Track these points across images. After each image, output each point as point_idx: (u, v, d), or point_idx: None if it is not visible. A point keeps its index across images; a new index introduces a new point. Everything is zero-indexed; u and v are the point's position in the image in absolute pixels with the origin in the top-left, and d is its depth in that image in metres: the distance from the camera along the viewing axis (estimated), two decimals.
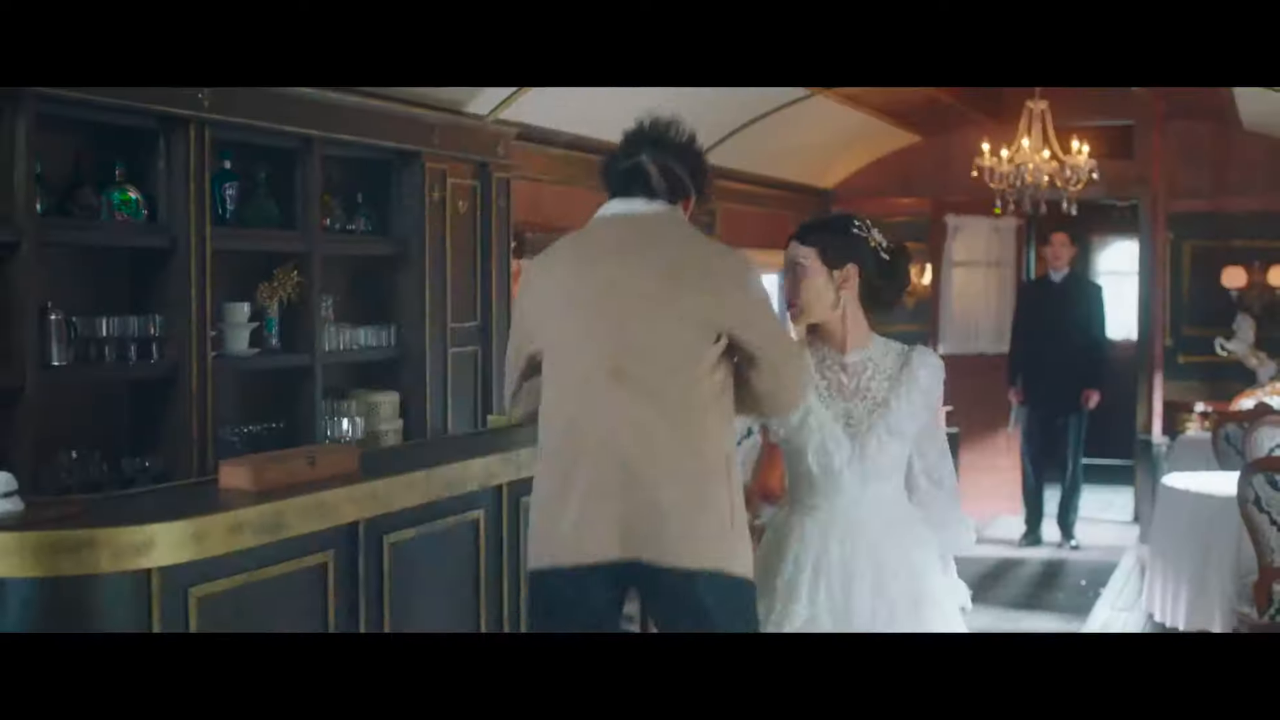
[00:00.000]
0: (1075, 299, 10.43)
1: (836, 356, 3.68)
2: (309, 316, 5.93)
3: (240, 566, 3.52)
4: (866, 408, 3.64)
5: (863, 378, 3.67)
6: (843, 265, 3.63)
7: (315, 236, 5.93)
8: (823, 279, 3.62)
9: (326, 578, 3.90)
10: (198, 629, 3.37)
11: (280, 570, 3.68)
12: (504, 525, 4.80)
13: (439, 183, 6.60)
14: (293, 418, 5.97)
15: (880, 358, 3.71)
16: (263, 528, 3.48)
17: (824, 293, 3.62)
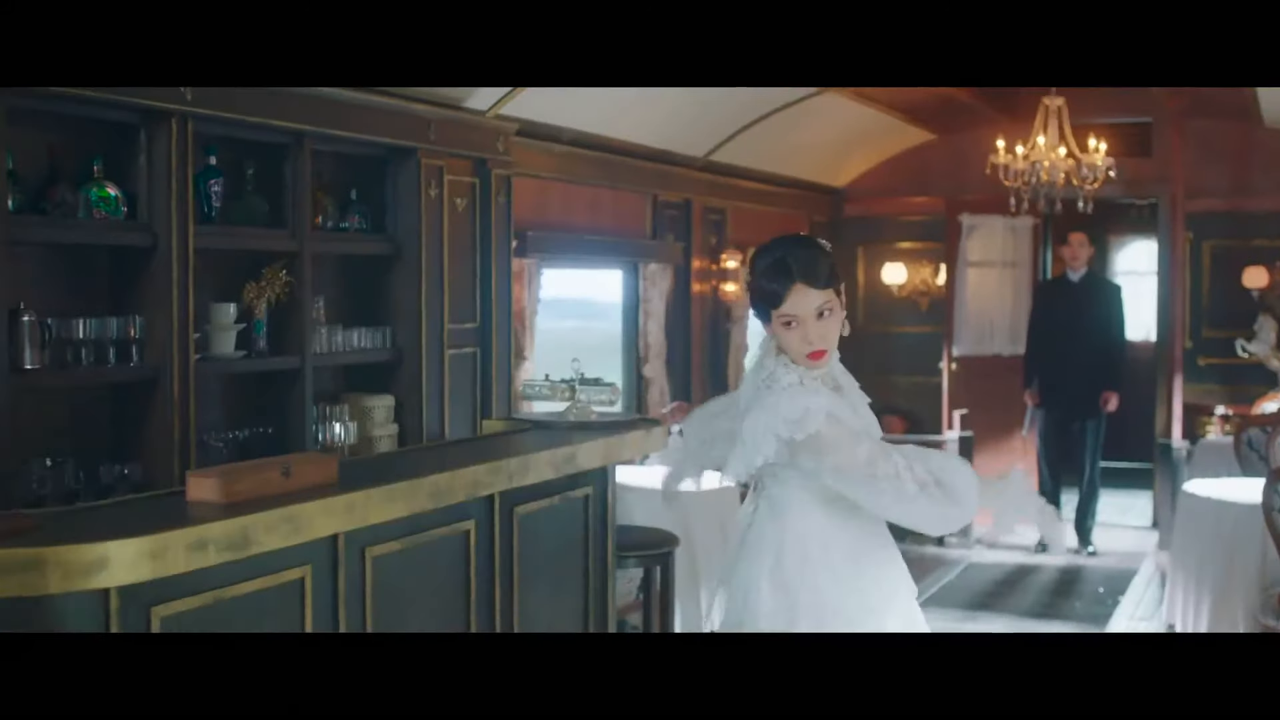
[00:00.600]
0: (1094, 299, 10.25)
1: (827, 374, 3.63)
2: (298, 318, 5.73)
3: (207, 584, 3.31)
4: (858, 407, 3.67)
5: (841, 384, 3.68)
6: (840, 289, 3.58)
7: (305, 235, 5.73)
8: (840, 311, 3.55)
9: (303, 594, 3.68)
10: None
11: (252, 588, 3.47)
12: (496, 537, 4.59)
13: (436, 179, 6.40)
14: (282, 423, 5.77)
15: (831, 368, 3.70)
16: (229, 544, 3.26)
17: (840, 325, 3.56)
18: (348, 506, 3.67)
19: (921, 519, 3.42)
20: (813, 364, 3.53)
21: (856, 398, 3.68)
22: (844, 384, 3.68)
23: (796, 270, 3.47)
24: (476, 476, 4.22)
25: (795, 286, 3.47)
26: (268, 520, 3.39)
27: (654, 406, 8.98)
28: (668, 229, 9.27)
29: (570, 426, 5.30)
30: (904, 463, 3.38)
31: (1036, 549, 10.27)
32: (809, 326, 3.49)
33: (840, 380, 3.67)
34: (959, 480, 3.40)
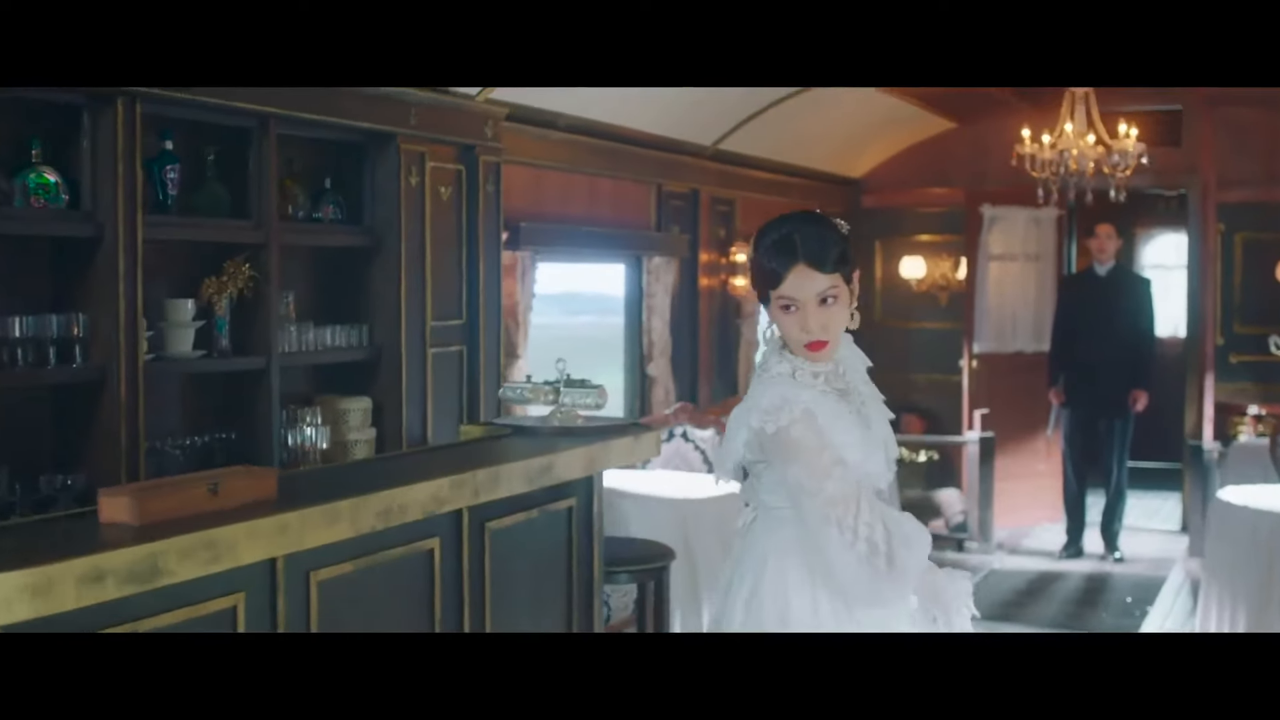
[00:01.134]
0: (1122, 293, 9.81)
1: (824, 368, 3.22)
2: (264, 314, 5.34)
3: (112, 619, 2.91)
4: (857, 407, 3.26)
5: (847, 381, 3.29)
6: (854, 274, 3.19)
7: (271, 225, 5.33)
8: (847, 300, 3.15)
9: (235, 625, 3.29)
10: None
11: (169, 621, 3.07)
12: (464, 556, 4.19)
13: (417, 167, 5.99)
14: (247, 427, 5.38)
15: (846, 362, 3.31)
16: (132, 575, 2.86)
17: (847, 315, 3.18)
18: (280, 529, 3.27)
19: (850, 581, 3.03)
20: (812, 357, 3.14)
21: (874, 412, 3.26)
22: (864, 392, 3.27)
23: (801, 249, 3.07)
24: (436, 492, 3.81)
25: (797, 267, 3.07)
26: (182, 546, 2.98)
27: (658, 407, 8.57)
28: (673, 220, 8.85)
29: (554, 432, 4.90)
30: (868, 518, 3.01)
31: (1061, 555, 9.85)
32: (809, 313, 3.09)
33: (854, 385, 3.26)
34: (910, 560, 3.04)
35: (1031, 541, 10.41)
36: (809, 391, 3.12)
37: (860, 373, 3.29)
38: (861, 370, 3.30)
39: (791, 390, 3.10)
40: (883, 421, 3.28)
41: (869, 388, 3.30)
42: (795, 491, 3.08)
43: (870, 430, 3.22)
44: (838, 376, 3.24)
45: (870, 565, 2.98)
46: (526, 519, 4.50)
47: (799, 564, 3.14)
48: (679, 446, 7.86)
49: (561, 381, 5.04)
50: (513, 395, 5.13)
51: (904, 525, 3.11)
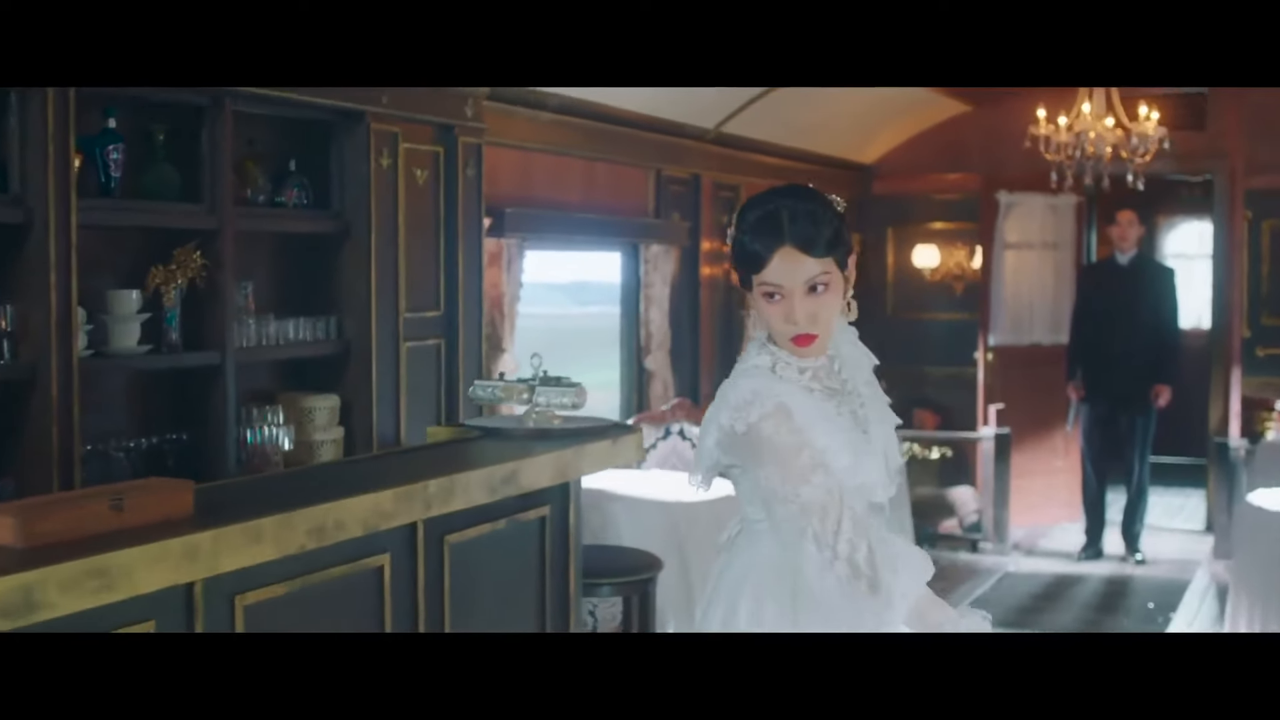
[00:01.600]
0: (1144, 284, 9.43)
1: (817, 364, 2.86)
2: (218, 306, 4.94)
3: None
4: (866, 406, 2.90)
5: (839, 379, 2.90)
6: (848, 259, 2.82)
7: (225, 210, 4.94)
8: (840, 289, 2.79)
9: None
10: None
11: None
12: (420, 573, 3.81)
13: (389, 148, 5.59)
14: (201, 428, 4.99)
15: (840, 357, 2.94)
16: (5, 610, 2.48)
17: (839, 305, 2.81)
18: (188, 552, 2.88)
19: (830, 609, 2.68)
20: (799, 352, 2.77)
21: (874, 415, 2.87)
22: (864, 394, 2.87)
23: (788, 229, 2.70)
24: (378, 506, 3.43)
25: (783, 249, 2.69)
26: (64, 575, 2.60)
27: (657, 402, 8.17)
28: (673, 207, 8.44)
29: (528, 435, 4.51)
30: (850, 535, 2.65)
31: (1080, 556, 9.45)
32: (795, 302, 2.71)
33: (853, 385, 2.88)
34: (897, 587, 2.69)
35: (1049, 542, 10.02)
36: (786, 385, 2.74)
37: (863, 372, 2.90)
38: (865, 369, 2.90)
39: (766, 384, 2.74)
40: (885, 427, 2.88)
41: (871, 389, 2.89)
42: (768, 498, 2.73)
43: (867, 435, 2.82)
44: (830, 374, 2.85)
45: (847, 589, 2.62)
46: (492, 530, 4.13)
47: (779, 591, 2.75)
48: (675, 445, 7.46)
49: (536, 379, 4.65)
50: (483, 394, 4.74)
51: (892, 546, 2.73)
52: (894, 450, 2.89)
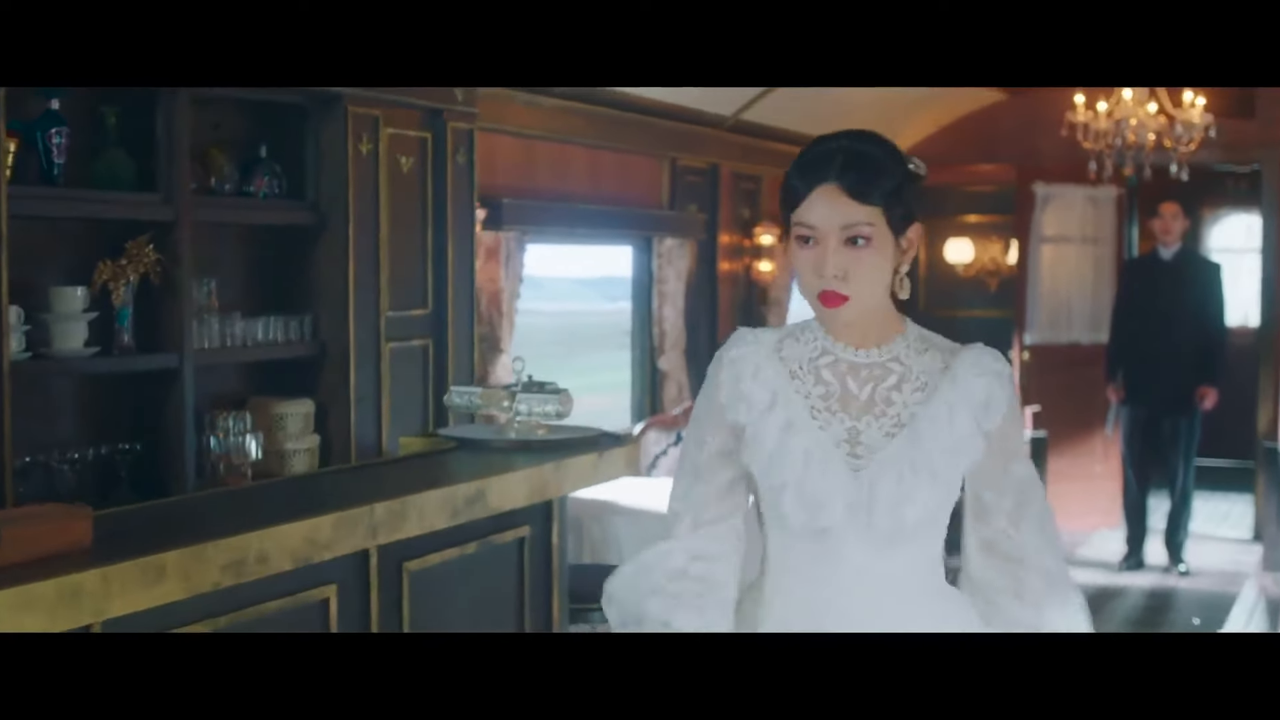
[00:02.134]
0: (1188, 280, 8.90)
1: (845, 353, 2.41)
2: (175, 304, 4.53)
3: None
4: (884, 428, 2.38)
5: (881, 385, 2.40)
6: (908, 227, 2.38)
7: (183, 199, 4.53)
8: (888, 253, 2.34)
9: None
10: None
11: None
12: (374, 605, 3.39)
13: (369, 132, 5.18)
14: (157, 437, 4.59)
15: (910, 356, 2.42)
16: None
17: (884, 273, 2.35)
18: (70, 595, 2.46)
19: (629, 581, 2.51)
20: (825, 314, 2.34)
21: (894, 453, 2.36)
22: (912, 419, 2.37)
23: (835, 164, 2.31)
24: (313, 534, 3.00)
25: (823, 187, 2.30)
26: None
27: (671, 404, 7.74)
28: (689, 198, 8.00)
29: (508, 446, 4.09)
30: (684, 546, 2.43)
31: (1121, 566, 8.97)
32: (828, 250, 2.30)
33: (902, 401, 2.38)
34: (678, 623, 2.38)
35: (1088, 550, 9.54)
36: (761, 348, 2.41)
37: (936, 393, 2.37)
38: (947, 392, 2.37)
39: (746, 344, 2.43)
40: (896, 474, 2.35)
41: (934, 424, 2.37)
42: None
43: (856, 477, 2.36)
44: (877, 370, 2.39)
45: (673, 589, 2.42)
46: (461, 555, 3.71)
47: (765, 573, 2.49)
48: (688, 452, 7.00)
49: (518, 385, 4.23)
50: (460, 401, 4.32)
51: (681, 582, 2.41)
52: (894, 503, 2.34)
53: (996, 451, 2.38)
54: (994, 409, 2.36)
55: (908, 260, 2.39)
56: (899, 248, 2.35)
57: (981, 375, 2.36)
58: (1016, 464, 2.41)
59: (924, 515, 2.35)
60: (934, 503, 2.35)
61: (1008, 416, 2.38)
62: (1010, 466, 2.40)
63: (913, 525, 2.34)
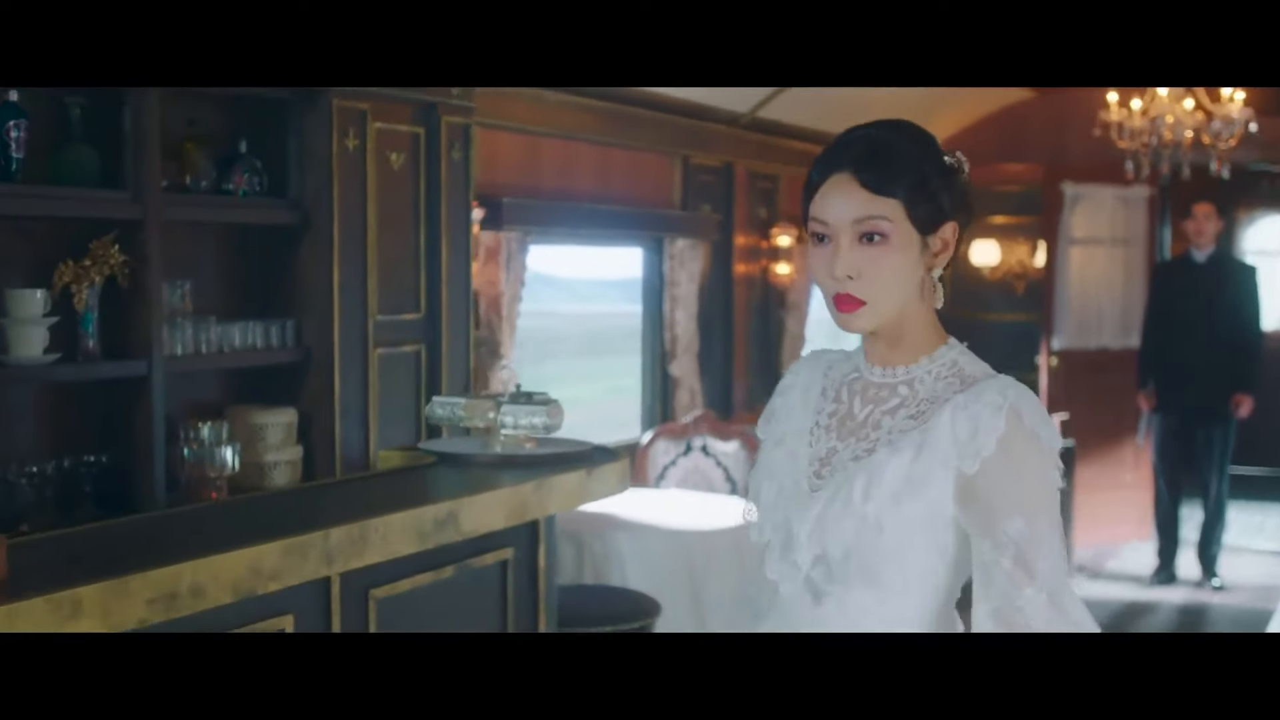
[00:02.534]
0: (1223, 283, 8.59)
1: (866, 370, 2.20)
2: (143, 308, 4.27)
3: None
4: (855, 452, 2.15)
5: (881, 407, 2.17)
6: (940, 224, 2.13)
7: (152, 197, 4.26)
8: (911, 253, 2.09)
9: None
10: None
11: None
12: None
13: (356, 127, 4.90)
14: (125, 448, 4.32)
15: (925, 380, 2.15)
16: None
17: (906, 276, 2.10)
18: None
19: None
20: (841, 318, 2.11)
21: (883, 476, 2.09)
22: (913, 390, 2.13)
23: (851, 153, 2.09)
24: (257, 564, 2.72)
25: (836, 176, 2.09)
26: None
27: (683, 412, 7.44)
28: (702, 198, 7.71)
29: (492, 462, 3.82)
30: None
31: (1152, 580, 8.67)
32: (840, 248, 2.07)
33: (905, 400, 2.14)
34: None
35: (1117, 563, 9.23)
36: (798, 373, 2.32)
37: (959, 426, 2.06)
38: (966, 424, 2.06)
39: (819, 353, 2.34)
40: (827, 500, 2.11)
41: (896, 454, 2.09)
42: None
43: (808, 498, 2.12)
44: (884, 392, 2.16)
45: None
46: (435, 581, 3.44)
47: None
48: (697, 462, 6.72)
49: (504, 396, 3.95)
50: (442, 413, 4.06)
51: None
52: (834, 529, 2.09)
53: (982, 500, 2.03)
54: (979, 447, 2.02)
55: (941, 264, 2.14)
56: (927, 248, 2.10)
57: (974, 406, 2.04)
58: (1011, 519, 2.01)
59: (849, 559, 2.07)
60: (866, 548, 2.07)
61: (1000, 460, 2.02)
62: (1004, 521, 2.01)
63: (838, 563, 2.08)
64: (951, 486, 2.04)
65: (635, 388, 7.75)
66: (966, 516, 2.06)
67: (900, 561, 2.07)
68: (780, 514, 2.15)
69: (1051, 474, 2.05)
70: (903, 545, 2.07)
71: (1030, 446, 2.03)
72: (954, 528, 2.08)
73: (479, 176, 5.85)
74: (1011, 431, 2.02)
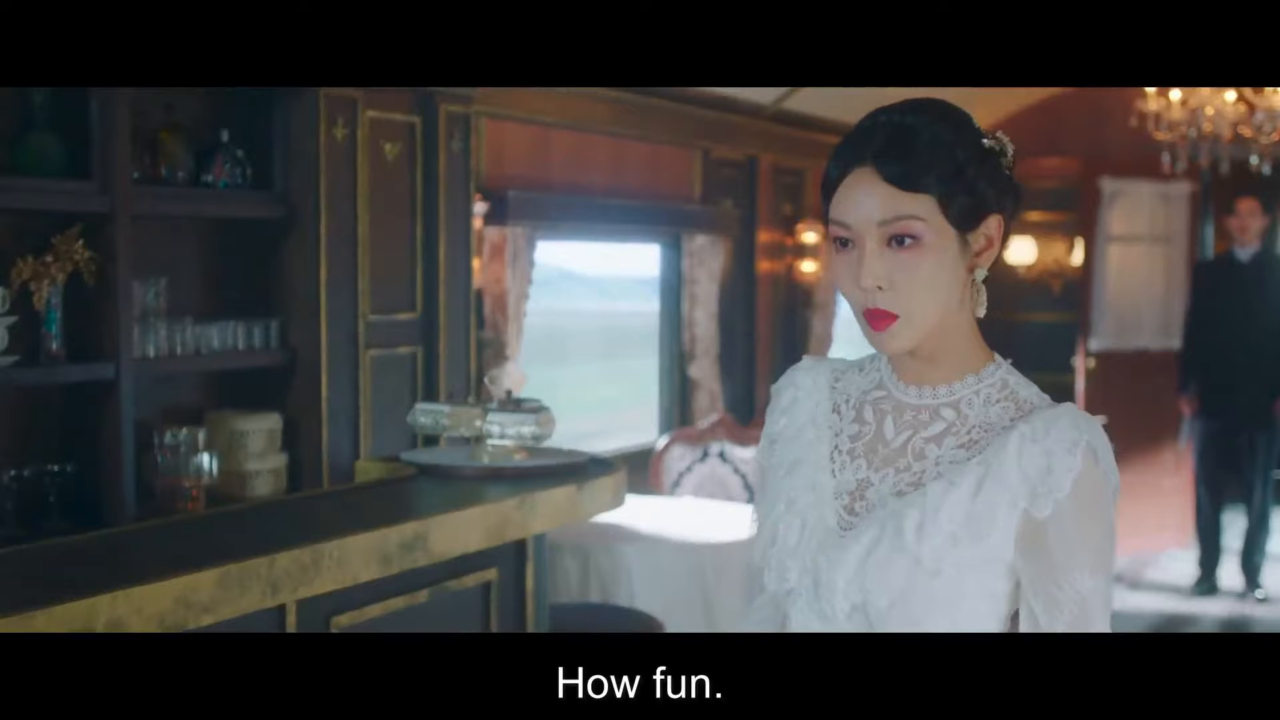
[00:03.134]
0: (1268, 282, 8.29)
1: (898, 389, 1.88)
2: (111, 307, 4.00)
3: None
4: (897, 485, 1.82)
5: (921, 433, 1.85)
6: (982, 219, 1.81)
7: (121, 188, 4.00)
8: (949, 255, 1.78)
9: None
10: None
11: None
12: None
13: (345, 116, 4.63)
14: (93, 456, 4.06)
15: (974, 403, 1.85)
16: None
17: (946, 282, 1.79)
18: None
19: None
20: (875, 337, 1.80)
21: (916, 511, 1.78)
22: (960, 415, 1.84)
23: (873, 143, 1.77)
24: (187, 595, 2.44)
25: (857, 170, 1.77)
26: None
27: (702, 415, 7.15)
28: (723, 192, 7.41)
29: (478, 474, 3.53)
30: None
31: (1193, 591, 8.34)
32: (865, 254, 1.76)
33: (951, 426, 1.84)
34: None
35: (1157, 572, 8.90)
36: (813, 376, 1.97)
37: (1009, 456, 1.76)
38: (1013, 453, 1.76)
39: (816, 363, 2.00)
40: (871, 543, 1.80)
41: (953, 490, 1.78)
42: None
43: (840, 540, 1.83)
44: (924, 415, 1.86)
45: None
46: (407, 606, 3.15)
47: None
48: (714, 469, 6.41)
49: (493, 404, 3.66)
50: (425, 420, 3.77)
51: None
52: (875, 574, 1.79)
53: (1049, 549, 1.74)
54: (1051, 488, 1.72)
55: (985, 264, 1.83)
56: (967, 248, 1.80)
57: (1045, 440, 1.74)
58: (1080, 574, 1.73)
59: (895, 608, 1.77)
60: (917, 595, 1.76)
61: (1074, 505, 1.72)
62: (1068, 575, 1.73)
63: (879, 613, 1.78)
64: (1015, 529, 1.75)
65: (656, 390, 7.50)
66: (1026, 564, 1.76)
67: (951, 611, 1.77)
68: (806, 556, 1.84)
69: (1114, 520, 1.78)
70: (956, 593, 1.77)
71: (1102, 492, 1.75)
72: (1010, 575, 1.78)
73: (485, 169, 5.59)
74: (1087, 473, 1.73)
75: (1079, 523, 1.73)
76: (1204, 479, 8.48)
